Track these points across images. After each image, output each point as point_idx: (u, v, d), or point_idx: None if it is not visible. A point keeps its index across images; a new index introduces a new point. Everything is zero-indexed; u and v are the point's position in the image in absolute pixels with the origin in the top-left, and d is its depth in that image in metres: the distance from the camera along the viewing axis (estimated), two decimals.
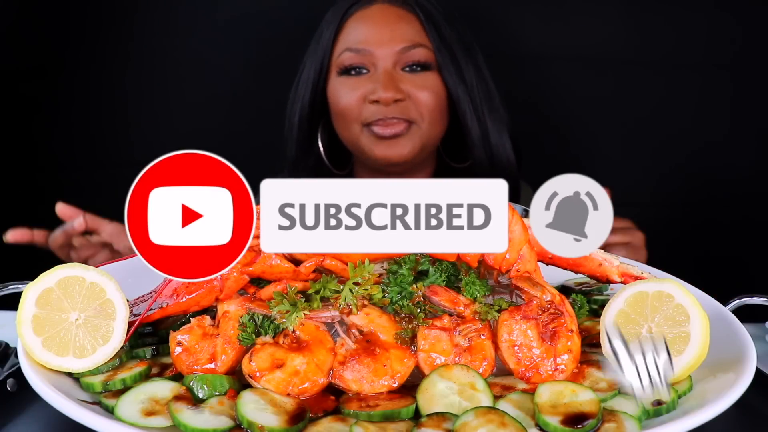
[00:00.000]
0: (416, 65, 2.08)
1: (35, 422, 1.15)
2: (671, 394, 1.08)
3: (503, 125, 2.16)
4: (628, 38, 2.57)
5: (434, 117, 2.10)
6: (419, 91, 2.07)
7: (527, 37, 2.58)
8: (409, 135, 2.08)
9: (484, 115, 2.12)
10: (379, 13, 2.11)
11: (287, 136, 2.24)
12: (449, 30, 2.11)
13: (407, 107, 2.06)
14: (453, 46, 2.10)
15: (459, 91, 2.10)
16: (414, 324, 1.18)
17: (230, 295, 1.21)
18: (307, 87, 2.16)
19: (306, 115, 2.18)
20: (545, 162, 2.23)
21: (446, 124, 2.16)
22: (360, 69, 2.09)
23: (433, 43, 2.08)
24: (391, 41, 2.07)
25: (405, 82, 2.07)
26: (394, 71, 2.07)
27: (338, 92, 2.11)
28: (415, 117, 2.07)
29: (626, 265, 1.33)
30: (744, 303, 1.48)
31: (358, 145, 2.13)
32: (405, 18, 2.11)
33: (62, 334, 1.14)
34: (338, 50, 2.11)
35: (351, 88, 2.09)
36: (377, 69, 2.07)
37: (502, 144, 2.14)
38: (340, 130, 2.16)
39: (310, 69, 2.16)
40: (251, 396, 1.07)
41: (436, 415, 1.05)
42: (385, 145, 2.08)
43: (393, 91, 2.03)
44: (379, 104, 2.04)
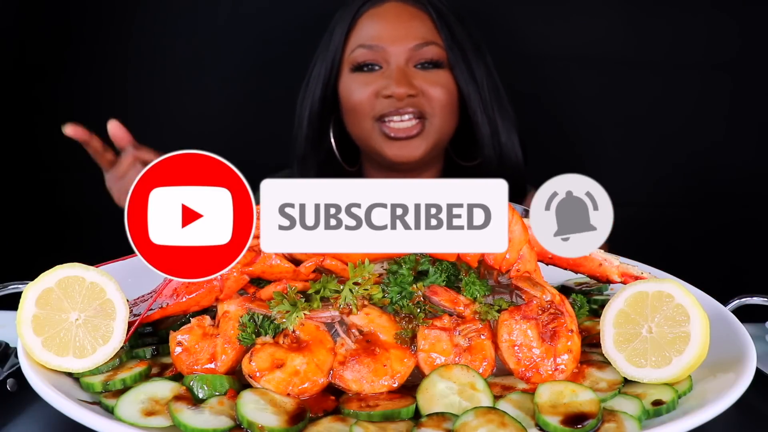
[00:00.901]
0: (428, 63, 2.11)
1: (35, 422, 1.15)
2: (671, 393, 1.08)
3: (512, 124, 2.18)
4: (626, 38, 2.57)
5: (446, 114, 2.12)
6: (431, 88, 2.09)
7: (526, 37, 2.58)
8: (423, 135, 2.10)
9: (494, 113, 2.15)
10: (392, 11, 2.13)
11: (296, 132, 2.25)
12: (460, 29, 2.14)
13: (420, 102, 2.09)
14: (464, 45, 2.13)
15: (470, 89, 2.12)
16: (414, 324, 1.18)
17: (230, 295, 1.21)
18: (318, 84, 2.18)
19: (317, 112, 2.20)
20: (544, 162, 2.23)
21: (457, 121, 2.19)
22: (373, 65, 2.11)
23: (445, 41, 2.11)
24: (404, 38, 2.09)
25: (417, 78, 2.09)
26: (406, 68, 2.09)
27: (351, 88, 2.13)
28: (428, 111, 2.10)
29: (626, 265, 1.33)
30: (744, 303, 1.48)
31: (369, 142, 2.15)
32: (417, 16, 2.13)
33: (62, 334, 1.14)
34: (351, 47, 2.13)
35: (364, 83, 2.11)
36: (390, 65, 2.09)
37: (511, 143, 2.17)
38: (351, 126, 2.18)
39: (321, 66, 2.18)
40: (251, 396, 1.07)
41: (436, 415, 1.05)
42: (397, 146, 2.10)
43: (406, 87, 2.05)
44: (393, 99, 2.06)
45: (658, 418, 1.07)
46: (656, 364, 1.13)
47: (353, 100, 2.12)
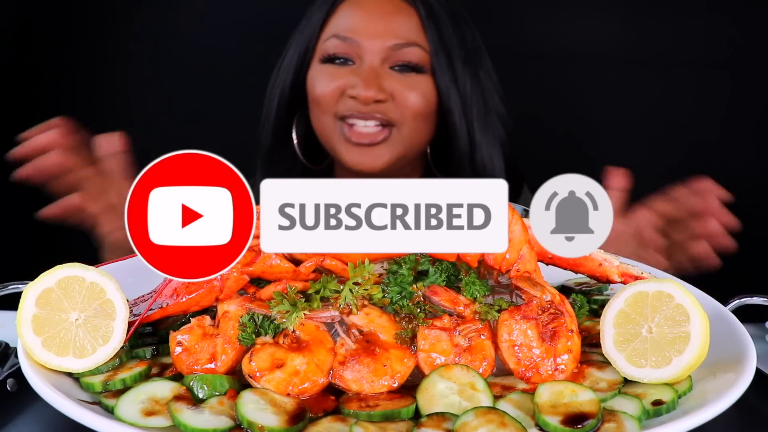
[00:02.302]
0: (406, 65, 1.92)
1: (35, 422, 1.15)
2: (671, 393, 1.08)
3: (496, 143, 2.00)
4: (625, 37, 2.57)
5: (418, 123, 1.93)
6: (405, 93, 1.90)
7: (524, 36, 2.58)
8: (388, 143, 1.92)
9: (474, 129, 1.95)
10: (376, 2, 1.95)
11: (263, 121, 2.08)
12: (451, 31, 1.94)
13: (387, 109, 1.90)
14: (452, 50, 1.93)
15: (451, 100, 1.93)
16: (414, 324, 1.18)
17: (230, 295, 1.21)
18: (290, 71, 2.01)
19: (285, 102, 2.03)
20: (543, 161, 2.23)
21: (432, 132, 2.00)
22: (344, 59, 1.93)
23: (431, 44, 1.92)
24: (382, 35, 1.90)
25: (391, 80, 1.90)
26: (380, 68, 1.91)
27: (316, 80, 1.95)
28: (395, 119, 1.91)
29: (626, 265, 1.33)
30: (744, 303, 1.48)
31: (329, 142, 1.97)
32: (403, 11, 1.94)
33: (62, 334, 1.14)
34: (325, 36, 1.95)
35: (330, 77, 1.92)
36: (363, 62, 1.91)
37: (491, 163, 1.98)
38: (314, 121, 2.00)
39: (294, 53, 2.00)
40: (251, 396, 1.07)
41: (436, 415, 1.05)
42: (357, 152, 1.92)
43: (374, 90, 1.87)
44: (357, 101, 1.88)
45: (658, 418, 1.07)
46: (656, 364, 1.13)
47: (316, 93, 1.94)
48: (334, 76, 1.93)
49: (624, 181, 1.79)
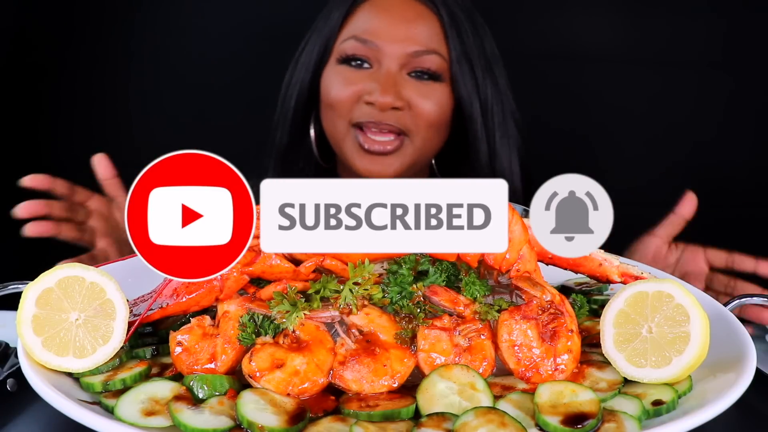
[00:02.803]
0: (425, 73, 1.89)
1: (35, 422, 1.14)
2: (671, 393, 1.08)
3: (514, 150, 1.99)
4: (625, 36, 2.57)
5: (432, 132, 1.91)
6: (422, 101, 1.87)
7: (523, 36, 2.58)
8: (399, 153, 1.89)
9: (495, 137, 1.94)
10: (398, 5, 1.90)
11: (279, 120, 2.04)
12: (472, 39, 1.91)
13: (403, 117, 1.87)
14: (473, 58, 1.90)
15: (473, 109, 1.90)
16: (414, 324, 1.18)
17: (230, 295, 1.21)
18: (308, 69, 1.96)
19: (304, 100, 1.98)
20: (543, 161, 2.23)
21: (443, 140, 1.98)
22: (362, 61, 1.89)
23: (452, 52, 1.88)
24: (403, 40, 1.87)
25: (408, 88, 1.87)
26: (398, 74, 1.87)
27: (332, 82, 1.91)
28: (410, 128, 1.88)
29: (626, 265, 1.33)
30: (744, 303, 1.48)
31: (341, 147, 1.94)
32: (425, 17, 1.90)
33: (62, 334, 1.14)
34: (343, 36, 1.91)
35: (347, 81, 1.89)
36: (381, 67, 1.88)
37: (510, 170, 1.97)
38: (327, 124, 1.96)
39: (313, 50, 1.95)
40: (251, 396, 1.07)
41: (436, 415, 1.05)
42: (369, 160, 1.89)
43: (392, 97, 1.84)
44: (374, 108, 1.85)
45: (658, 418, 1.07)
46: (656, 364, 1.12)
47: (331, 96, 1.90)
48: (350, 80, 1.89)
49: (693, 211, 1.78)
